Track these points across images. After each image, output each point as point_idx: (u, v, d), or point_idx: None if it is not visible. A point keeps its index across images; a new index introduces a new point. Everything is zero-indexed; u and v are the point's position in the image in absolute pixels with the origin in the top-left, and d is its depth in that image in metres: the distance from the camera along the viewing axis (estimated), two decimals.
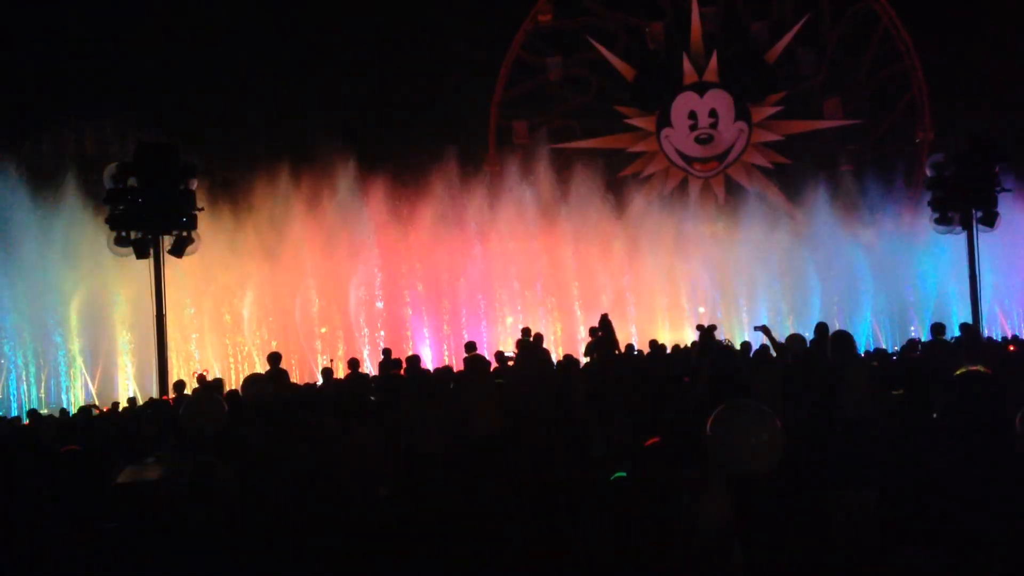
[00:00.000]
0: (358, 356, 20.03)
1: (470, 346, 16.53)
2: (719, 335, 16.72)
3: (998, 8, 36.86)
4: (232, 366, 28.28)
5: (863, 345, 23.99)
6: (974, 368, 5.90)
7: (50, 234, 26.15)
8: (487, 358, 14.91)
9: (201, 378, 16.86)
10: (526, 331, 17.47)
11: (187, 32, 38.93)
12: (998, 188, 23.78)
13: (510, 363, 16.15)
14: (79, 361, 26.25)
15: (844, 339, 10.45)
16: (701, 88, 40.16)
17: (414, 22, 39.28)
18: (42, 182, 26.80)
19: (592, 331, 18.83)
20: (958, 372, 5.92)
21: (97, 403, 21.24)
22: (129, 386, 25.66)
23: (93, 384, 26.05)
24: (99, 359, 26.27)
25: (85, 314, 26.26)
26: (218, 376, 20.37)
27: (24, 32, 38.46)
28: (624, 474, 5.71)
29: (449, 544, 5.71)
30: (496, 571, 5.54)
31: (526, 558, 5.50)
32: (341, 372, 17.00)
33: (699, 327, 16.77)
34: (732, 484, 4.97)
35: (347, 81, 38.76)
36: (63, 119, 37.41)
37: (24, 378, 26.14)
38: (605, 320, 18.58)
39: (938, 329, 15.15)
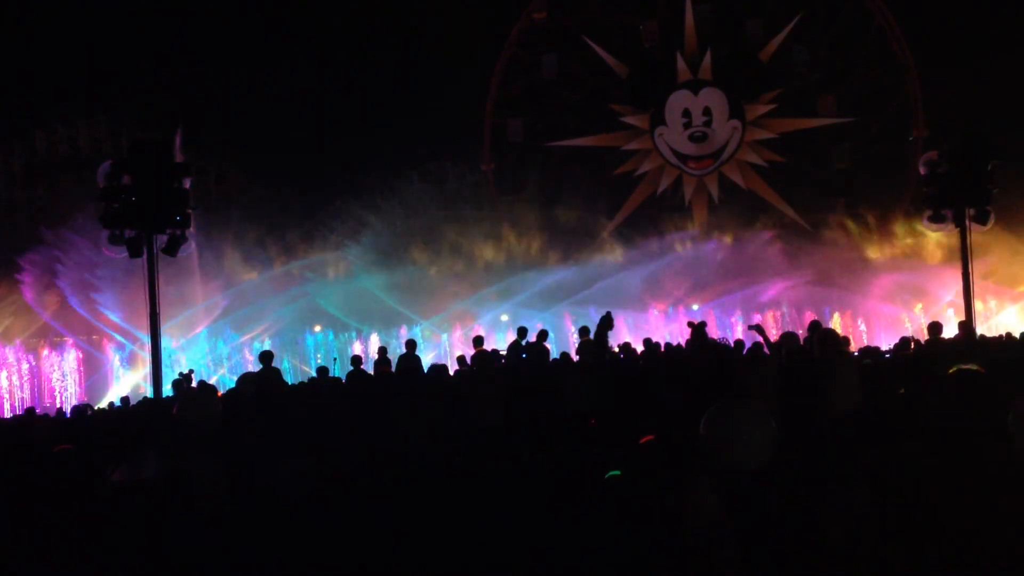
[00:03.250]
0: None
1: (478, 340, 16.65)
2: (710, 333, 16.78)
3: (993, 8, 36.90)
4: None
5: None
6: (966, 366, 5.92)
7: None
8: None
9: (187, 377, 16.83)
10: (522, 330, 17.47)
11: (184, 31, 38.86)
12: (995, 188, 23.74)
13: (504, 361, 16.20)
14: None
15: (829, 336, 10.49)
16: (695, 86, 40.13)
17: (410, 20, 39.21)
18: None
19: (582, 330, 18.75)
20: (951, 370, 5.94)
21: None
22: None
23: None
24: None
25: None
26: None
27: (19, 30, 38.34)
28: (618, 472, 5.71)
29: (443, 541, 5.72)
30: (490, 568, 5.55)
31: (520, 556, 5.51)
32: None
33: (690, 324, 16.83)
34: (725, 482, 4.99)
35: (342, 80, 38.71)
36: (57, 116, 37.34)
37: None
38: (603, 319, 18.50)
39: (935, 328, 15.18)
